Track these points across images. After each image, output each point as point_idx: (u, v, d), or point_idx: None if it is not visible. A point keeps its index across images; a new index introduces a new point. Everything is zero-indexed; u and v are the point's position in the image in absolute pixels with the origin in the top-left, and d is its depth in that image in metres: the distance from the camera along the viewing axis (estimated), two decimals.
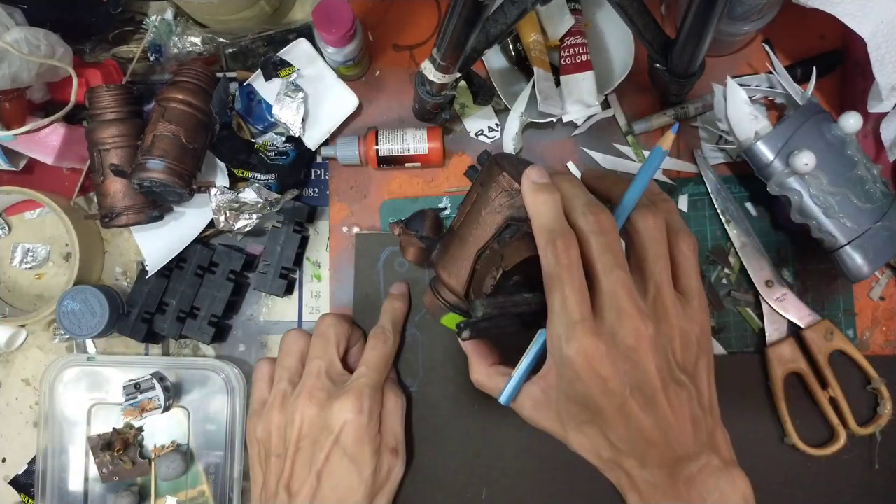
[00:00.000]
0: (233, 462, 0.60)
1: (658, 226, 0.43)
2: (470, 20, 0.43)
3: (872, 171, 0.54)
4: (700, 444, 0.41)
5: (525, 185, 0.43)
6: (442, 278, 0.48)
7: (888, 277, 0.61)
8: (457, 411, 0.60)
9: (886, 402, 0.57)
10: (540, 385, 0.44)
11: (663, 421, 0.40)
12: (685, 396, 0.41)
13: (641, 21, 0.51)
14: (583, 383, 0.39)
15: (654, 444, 0.40)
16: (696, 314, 0.43)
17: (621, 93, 0.63)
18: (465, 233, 0.47)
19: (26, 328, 0.66)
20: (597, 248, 0.40)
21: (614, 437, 0.40)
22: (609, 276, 0.40)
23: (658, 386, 0.39)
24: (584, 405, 0.40)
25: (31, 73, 0.55)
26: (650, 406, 0.39)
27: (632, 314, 0.39)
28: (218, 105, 0.59)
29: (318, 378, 0.54)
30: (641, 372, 0.39)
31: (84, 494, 0.62)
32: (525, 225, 0.44)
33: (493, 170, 0.46)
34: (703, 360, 0.43)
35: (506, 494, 0.59)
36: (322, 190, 0.65)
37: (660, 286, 0.42)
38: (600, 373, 0.38)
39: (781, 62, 0.60)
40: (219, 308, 0.62)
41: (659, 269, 0.42)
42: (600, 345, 0.39)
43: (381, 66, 0.65)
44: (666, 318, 0.41)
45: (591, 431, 0.41)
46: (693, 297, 0.43)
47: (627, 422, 0.39)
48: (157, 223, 0.62)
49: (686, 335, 0.41)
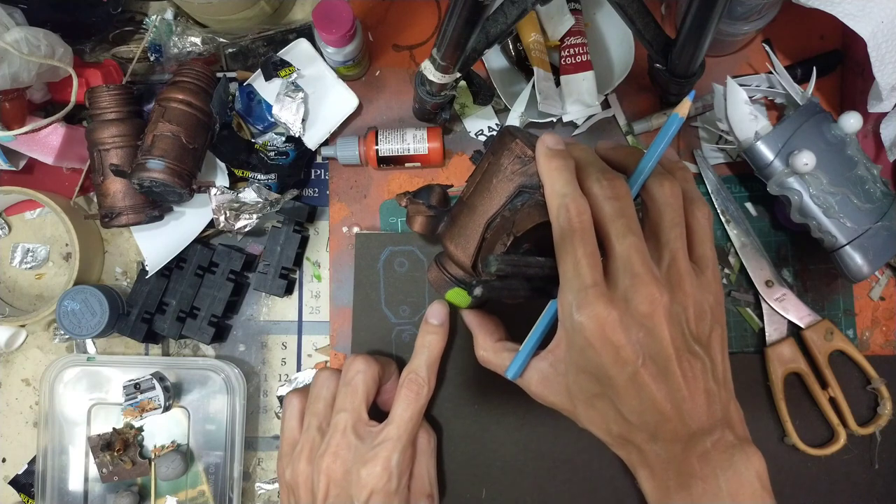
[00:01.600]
0: (233, 462, 0.60)
1: (674, 193, 0.41)
2: (470, 20, 0.43)
3: (872, 171, 0.54)
4: (714, 418, 0.39)
5: (539, 150, 0.42)
6: (449, 250, 0.47)
7: (888, 277, 0.61)
8: (457, 411, 0.60)
9: (886, 402, 0.57)
10: (548, 359, 0.43)
11: (677, 393, 0.38)
12: (699, 368, 0.39)
13: (641, 21, 0.51)
14: (594, 351, 0.38)
15: (667, 418, 0.38)
16: (710, 284, 0.41)
17: (621, 93, 0.63)
18: (475, 202, 0.46)
19: (26, 328, 0.66)
20: (610, 213, 0.39)
21: (626, 409, 0.39)
22: (623, 242, 0.38)
23: (672, 356, 0.38)
24: (594, 376, 0.39)
25: (31, 73, 0.55)
26: (663, 377, 0.38)
27: (646, 280, 0.38)
28: (218, 105, 0.59)
29: (343, 435, 0.51)
30: (655, 340, 0.38)
31: (84, 494, 0.62)
32: (538, 193, 0.43)
33: (506, 138, 0.45)
34: (717, 331, 0.41)
35: (506, 494, 0.59)
36: (322, 190, 0.65)
37: (675, 254, 0.40)
38: (612, 340, 0.37)
39: (781, 62, 0.60)
40: (219, 308, 0.62)
41: (674, 235, 0.41)
42: (613, 311, 0.37)
43: (381, 66, 0.65)
44: (681, 287, 0.40)
45: (602, 404, 0.40)
46: (707, 267, 0.42)
47: (639, 393, 0.38)
48: (157, 223, 0.62)
49: (700, 305, 0.40)
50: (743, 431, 0.41)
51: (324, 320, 0.64)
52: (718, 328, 0.41)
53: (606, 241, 0.39)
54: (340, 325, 0.63)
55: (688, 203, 0.42)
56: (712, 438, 0.39)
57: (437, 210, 0.48)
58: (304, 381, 0.63)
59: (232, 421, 0.61)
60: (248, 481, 0.63)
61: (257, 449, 0.63)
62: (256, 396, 0.63)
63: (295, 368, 0.64)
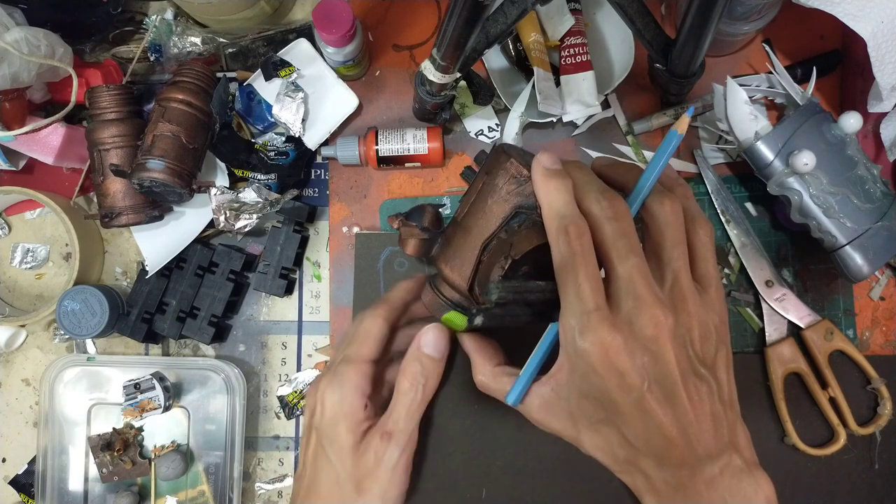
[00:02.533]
0: (233, 462, 0.60)
1: (675, 211, 0.40)
2: (470, 20, 0.43)
3: (872, 171, 0.54)
4: (721, 442, 0.38)
5: (536, 170, 0.41)
6: (444, 273, 0.46)
7: (888, 277, 0.61)
8: (457, 411, 0.60)
9: (886, 402, 0.57)
10: (550, 384, 0.42)
11: (683, 417, 0.37)
12: (705, 391, 0.38)
13: (641, 21, 0.51)
14: (598, 377, 0.37)
15: (674, 443, 0.37)
16: (714, 303, 0.41)
17: (621, 93, 0.63)
18: (469, 224, 0.45)
19: (26, 328, 0.66)
20: (611, 234, 0.38)
21: (631, 435, 0.38)
22: (625, 263, 0.38)
23: (678, 379, 0.37)
24: (598, 401, 0.38)
25: (31, 73, 0.55)
26: (669, 401, 0.37)
27: (650, 302, 0.37)
28: (218, 105, 0.59)
29: None
30: (660, 364, 0.37)
31: (84, 494, 0.62)
32: (535, 213, 0.42)
33: (501, 157, 0.44)
34: (723, 351, 0.40)
35: (506, 494, 0.59)
36: (322, 190, 0.65)
37: (677, 273, 0.39)
38: (617, 365, 0.36)
39: (781, 62, 0.60)
40: (219, 308, 0.62)
41: (676, 255, 0.40)
42: (617, 335, 0.36)
43: (381, 66, 0.65)
44: (684, 308, 0.39)
45: (606, 430, 0.39)
46: (711, 285, 0.41)
47: (645, 419, 0.37)
48: (157, 223, 0.62)
49: (705, 325, 0.39)
50: (751, 455, 0.40)
51: (324, 320, 0.64)
52: (724, 348, 0.41)
53: (607, 262, 0.39)
54: (340, 325, 0.63)
55: (689, 221, 0.42)
56: (720, 463, 0.38)
57: (430, 232, 0.46)
58: (305, 381, 0.63)
59: (232, 421, 0.61)
60: (248, 481, 0.63)
61: (257, 449, 0.63)
62: (256, 396, 0.63)
63: (295, 368, 0.64)
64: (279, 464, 0.63)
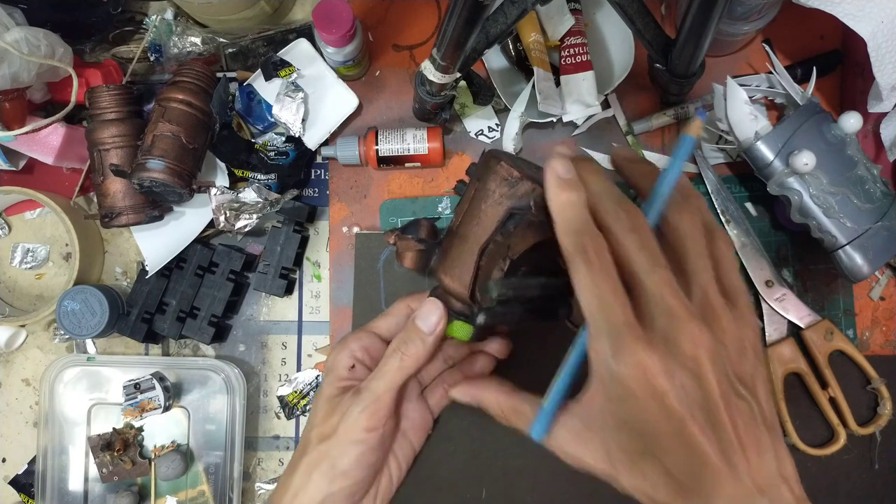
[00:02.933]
0: (233, 462, 0.60)
1: (695, 222, 0.38)
2: (470, 20, 0.43)
3: (872, 171, 0.54)
4: (769, 471, 0.35)
5: (549, 179, 0.39)
6: (444, 283, 0.46)
7: (888, 277, 0.61)
8: (457, 411, 0.60)
9: (886, 402, 0.57)
10: (579, 414, 0.38)
11: (728, 446, 0.34)
12: (748, 413, 0.35)
13: (641, 21, 0.51)
14: (636, 402, 0.34)
15: (720, 476, 0.34)
16: (746, 317, 0.38)
17: (621, 93, 0.63)
18: (465, 231, 0.45)
19: (26, 328, 0.66)
20: (633, 247, 0.36)
21: (674, 468, 0.35)
22: (651, 276, 0.35)
23: (719, 402, 0.34)
24: (637, 431, 0.35)
25: (31, 73, 0.55)
26: (712, 427, 0.34)
27: (685, 318, 0.34)
28: (218, 105, 0.59)
29: None
30: (701, 386, 0.34)
31: (84, 494, 0.62)
32: (529, 213, 0.42)
33: (490, 161, 0.44)
34: (760, 369, 0.37)
35: (506, 494, 0.59)
36: (322, 190, 0.65)
37: (705, 287, 0.37)
38: (657, 388, 0.33)
39: (781, 62, 0.60)
40: (219, 308, 0.62)
41: (702, 266, 0.37)
42: (653, 355, 0.34)
43: (381, 66, 0.65)
44: (718, 323, 0.36)
45: (646, 465, 0.36)
46: (739, 298, 0.38)
47: (689, 448, 0.34)
48: (157, 223, 0.62)
49: (740, 342, 0.36)
50: (800, 491, 0.36)
51: (324, 320, 0.64)
52: (760, 365, 0.38)
53: (631, 277, 0.36)
54: (340, 325, 0.63)
55: (707, 233, 0.39)
56: (769, 497, 0.34)
57: (427, 244, 0.47)
58: (305, 381, 0.63)
59: (232, 421, 0.61)
60: (248, 481, 0.63)
61: (257, 449, 0.63)
62: (256, 396, 0.63)
63: (295, 368, 0.64)
64: (279, 464, 0.63)
